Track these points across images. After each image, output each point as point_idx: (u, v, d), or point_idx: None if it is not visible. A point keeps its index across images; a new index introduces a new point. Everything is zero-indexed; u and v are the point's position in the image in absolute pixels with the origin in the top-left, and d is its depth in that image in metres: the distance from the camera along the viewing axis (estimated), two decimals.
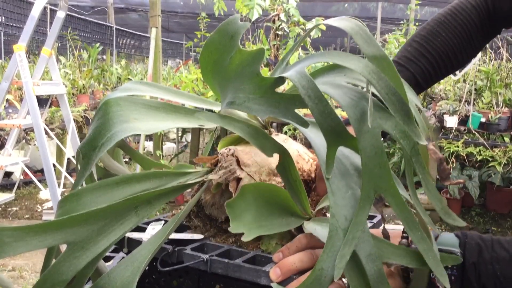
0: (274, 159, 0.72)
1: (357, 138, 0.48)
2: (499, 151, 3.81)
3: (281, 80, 0.52)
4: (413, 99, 0.60)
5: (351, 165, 0.53)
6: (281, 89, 0.62)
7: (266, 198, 0.59)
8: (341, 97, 0.50)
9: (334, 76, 0.56)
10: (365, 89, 0.53)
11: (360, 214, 0.47)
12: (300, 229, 0.60)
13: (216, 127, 0.84)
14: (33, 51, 6.01)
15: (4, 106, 3.88)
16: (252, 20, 3.84)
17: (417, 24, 6.73)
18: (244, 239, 0.53)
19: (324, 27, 4.00)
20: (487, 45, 3.96)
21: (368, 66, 0.49)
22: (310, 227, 0.58)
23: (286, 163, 0.59)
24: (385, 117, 0.49)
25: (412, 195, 0.51)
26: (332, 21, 0.54)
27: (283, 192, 0.60)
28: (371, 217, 0.83)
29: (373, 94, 0.49)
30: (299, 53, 4.75)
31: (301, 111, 0.62)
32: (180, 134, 4.70)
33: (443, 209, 0.53)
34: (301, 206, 0.60)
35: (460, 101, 3.94)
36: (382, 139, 0.49)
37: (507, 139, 4.07)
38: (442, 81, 4.43)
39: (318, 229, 0.57)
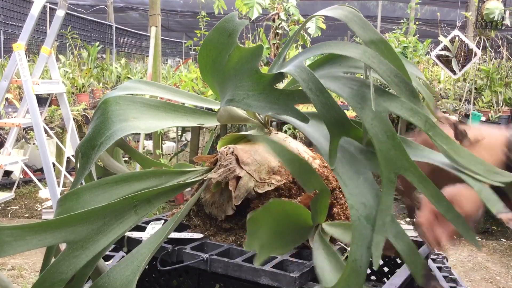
0: (274, 158, 0.72)
1: (364, 126, 0.47)
2: None
3: (281, 76, 0.52)
4: (414, 71, 0.60)
5: (355, 149, 0.53)
6: (280, 86, 0.62)
7: (286, 214, 0.57)
8: (341, 89, 0.50)
9: (329, 67, 0.56)
10: (363, 76, 0.53)
11: (385, 200, 0.46)
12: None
13: (216, 126, 0.84)
14: (33, 50, 6.00)
15: (4, 105, 3.88)
16: (252, 18, 3.84)
17: (417, 23, 6.72)
18: (256, 262, 0.51)
19: (324, 26, 3.99)
20: (487, 44, 3.96)
21: (367, 52, 0.49)
22: (328, 229, 0.59)
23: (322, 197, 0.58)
24: (389, 99, 0.49)
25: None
26: (325, 11, 0.54)
27: (304, 210, 0.58)
28: None
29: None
30: (299, 51, 4.75)
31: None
32: (179, 133, 4.69)
33: (489, 169, 0.49)
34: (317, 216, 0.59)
35: (460, 100, 3.94)
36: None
37: None
38: (442, 80, 4.43)
39: (334, 230, 0.57)
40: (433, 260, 1.04)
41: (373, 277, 0.87)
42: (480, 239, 3.60)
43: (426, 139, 0.52)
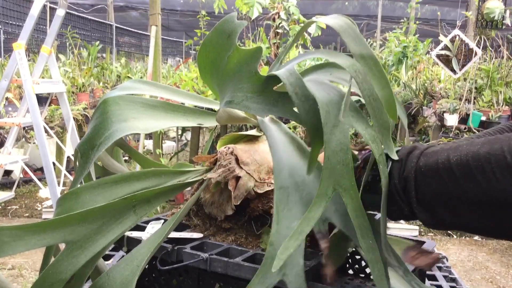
0: None
1: (324, 131, 0.46)
2: None
3: (272, 78, 0.52)
4: (401, 113, 0.60)
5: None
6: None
7: None
8: (318, 92, 0.50)
9: (321, 74, 0.56)
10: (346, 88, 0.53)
11: (314, 210, 0.45)
12: None
13: (216, 126, 0.84)
14: (33, 49, 6.00)
15: (4, 105, 3.88)
16: (252, 18, 3.84)
17: (417, 22, 6.71)
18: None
19: (324, 26, 3.99)
20: (487, 44, 3.95)
21: (356, 65, 0.49)
22: None
23: None
24: (358, 118, 0.49)
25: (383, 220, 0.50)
26: (323, 19, 0.54)
27: None
28: None
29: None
30: (299, 52, 4.75)
31: None
32: (179, 133, 4.69)
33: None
34: None
35: (460, 99, 3.94)
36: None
37: None
38: (442, 79, 4.42)
39: None
40: None
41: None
42: (480, 239, 3.60)
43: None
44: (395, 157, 0.51)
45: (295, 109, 0.51)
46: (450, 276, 0.95)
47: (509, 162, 0.43)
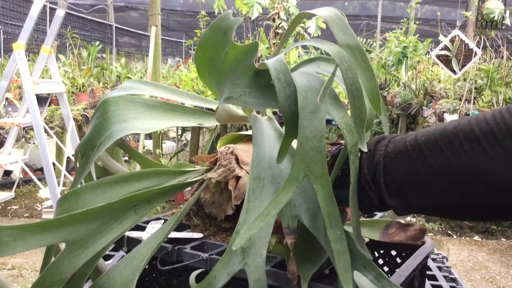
0: None
1: (300, 116, 0.45)
2: None
3: (263, 68, 0.51)
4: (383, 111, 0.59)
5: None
6: None
7: None
8: (300, 79, 0.49)
9: (309, 67, 0.56)
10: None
11: (282, 194, 0.43)
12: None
13: (216, 126, 0.84)
14: (33, 49, 6.00)
15: (4, 105, 3.88)
16: (252, 18, 3.84)
17: (417, 22, 6.71)
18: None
19: (324, 25, 3.99)
20: (487, 44, 3.95)
21: (342, 53, 0.48)
22: None
23: None
24: (336, 105, 0.48)
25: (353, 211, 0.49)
26: (314, 11, 0.54)
27: None
28: None
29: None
30: (299, 52, 4.75)
31: None
32: (179, 133, 4.69)
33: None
34: None
35: (460, 99, 3.94)
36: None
37: None
38: (442, 79, 4.42)
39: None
40: (433, 259, 1.04)
41: None
42: (480, 239, 3.60)
43: None
44: (365, 148, 0.49)
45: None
46: (450, 276, 0.95)
47: (477, 134, 0.42)
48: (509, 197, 0.41)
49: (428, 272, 0.94)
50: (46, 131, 3.16)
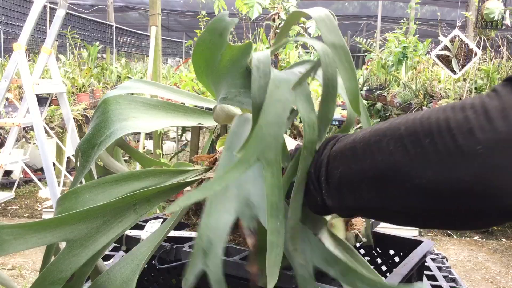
0: None
1: (265, 101, 0.44)
2: None
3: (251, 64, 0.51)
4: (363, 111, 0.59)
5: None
6: None
7: None
8: (278, 73, 0.49)
9: (295, 68, 0.55)
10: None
11: (230, 172, 0.41)
12: None
13: (216, 126, 0.84)
14: (33, 49, 6.01)
15: (4, 105, 3.88)
16: (252, 18, 3.84)
17: (417, 22, 6.72)
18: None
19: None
20: (487, 44, 3.95)
21: (327, 49, 0.48)
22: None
23: None
24: (306, 101, 0.47)
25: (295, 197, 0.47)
26: (306, 10, 0.55)
27: None
28: None
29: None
30: (299, 51, 4.76)
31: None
32: (180, 133, 4.70)
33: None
34: None
35: (460, 99, 3.93)
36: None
37: None
38: (442, 79, 4.42)
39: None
40: (433, 259, 1.04)
41: None
42: (480, 239, 3.60)
43: None
44: (316, 147, 0.48)
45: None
46: (450, 276, 0.95)
47: (402, 133, 0.40)
48: (430, 200, 0.38)
49: (428, 272, 0.95)
50: (46, 131, 3.16)
